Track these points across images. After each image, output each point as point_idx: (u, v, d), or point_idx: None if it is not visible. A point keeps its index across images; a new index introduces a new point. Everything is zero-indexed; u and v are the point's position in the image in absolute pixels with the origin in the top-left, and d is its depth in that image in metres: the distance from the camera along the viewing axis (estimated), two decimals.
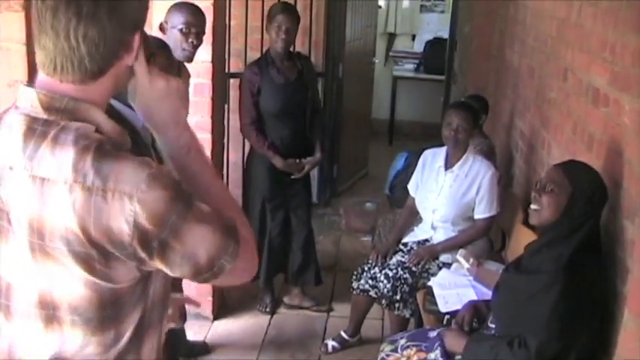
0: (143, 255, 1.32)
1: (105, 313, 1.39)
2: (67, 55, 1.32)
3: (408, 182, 4.15)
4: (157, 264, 1.35)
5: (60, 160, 1.29)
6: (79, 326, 1.39)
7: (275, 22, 4.14)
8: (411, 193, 4.08)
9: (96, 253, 1.31)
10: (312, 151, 4.40)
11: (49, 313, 1.39)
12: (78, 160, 1.29)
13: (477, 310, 3.00)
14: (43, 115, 1.33)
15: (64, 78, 1.34)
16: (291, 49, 4.40)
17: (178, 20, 3.38)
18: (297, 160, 4.31)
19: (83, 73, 1.34)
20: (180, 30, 3.37)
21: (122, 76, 1.42)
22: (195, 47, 3.43)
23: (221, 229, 1.37)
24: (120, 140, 1.38)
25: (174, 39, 3.34)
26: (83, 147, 1.30)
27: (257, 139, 4.24)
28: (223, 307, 4.42)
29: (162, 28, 3.42)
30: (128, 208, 1.28)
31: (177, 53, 3.34)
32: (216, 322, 4.32)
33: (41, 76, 1.37)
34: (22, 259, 1.37)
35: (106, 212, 1.28)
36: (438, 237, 3.87)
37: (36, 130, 1.32)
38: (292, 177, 4.32)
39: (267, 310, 4.48)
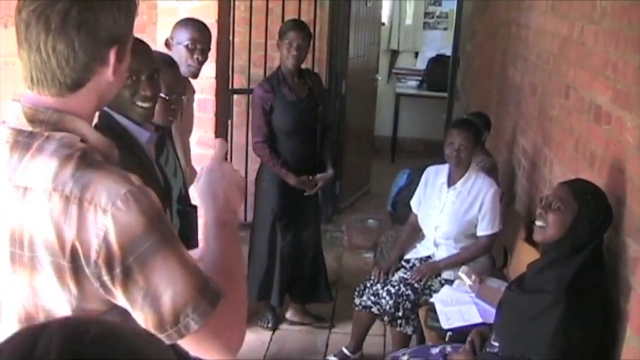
0: (106, 278, 1.27)
1: None
2: (39, 67, 1.33)
3: (410, 199, 4.15)
4: (120, 295, 1.29)
5: (42, 169, 1.30)
6: None
7: (286, 38, 4.14)
8: (414, 209, 4.08)
9: (68, 264, 1.28)
10: (322, 167, 4.39)
11: None
12: (59, 169, 1.29)
13: (480, 332, 3.00)
14: (27, 128, 1.34)
15: (42, 91, 1.36)
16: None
17: (184, 36, 3.40)
18: (310, 177, 4.32)
19: (57, 86, 1.35)
20: (186, 46, 3.38)
21: (104, 90, 1.41)
22: (201, 63, 3.45)
23: (198, 285, 1.30)
24: (107, 152, 1.38)
25: (179, 55, 3.36)
26: (66, 156, 1.30)
27: (270, 157, 4.22)
28: None
29: (167, 44, 3.44)
30: (101, 221, 1.26)
31: (183, 69, 3.35)
32: None
33: (27, 92, 1.39)
34: (5, 273, 1.37)
35: (80, 222, 1.26)
36: (440, 254, 3.87)
37: (20, 142, 1.33)
38: (305, 194, 4.32)
39: (269, 325, 4.47)
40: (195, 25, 3.45)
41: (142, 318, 1.29)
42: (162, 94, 2.58)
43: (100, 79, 1.38)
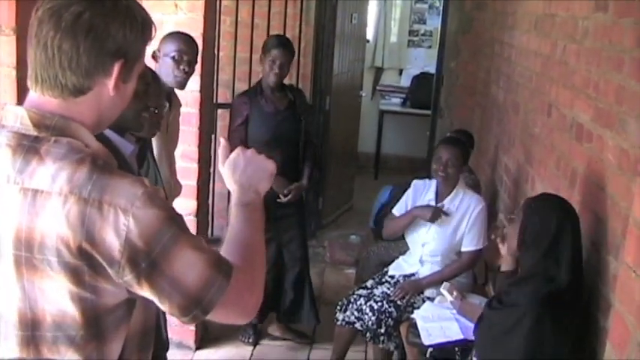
0: (131, 276, 1.32)
1: (88, 332, 1.38)
2: (44, 65, 1.36)
3: None
4: (145, 289, 1.35)
5: (54, 172, 1.31)
6: (61, 344, 1.38)
7: (269, 55, 4.16)
8: (396, 214, 4.02)
9: (86, 265, 1.31)
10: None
11: (27, 334, 1.38)
12: (73, 172, 1.31)
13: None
14: (33, 132, 1.36)
15: (46, 92, 1.38)
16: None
17: (170, 48, 3.42)
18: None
19: (59, 88, 1.37)
20: (172, 57, 3.40)
21: (106, 105, 1.43)
22: (187, 74, 3.46)
23: (211, 261, 1.38)
24: (107, 160, 1.41)
25: (166, 66, 3.39)
26: (78, 159, 1.33)
27: None
28: (206, 337, 4.39)
29: (154, 57, 3.44)
30: (122, 222, 1.30)
31: (170, 80, 3.38)
32: (198, 352, 4.29)
33: (30, 95, 1.41)
34: (5, 277, 1.37)
35: (100, 224, 1.30)
36: (424, 272, 3.86)
37: (25, 145, 1.35)
38: (277, 200, 4.22)
39: (250, 340, 4.45)
40: (181, 37, 3.48)
41: (168, 305, 1.36)
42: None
43: (102, 91, 1.41)
